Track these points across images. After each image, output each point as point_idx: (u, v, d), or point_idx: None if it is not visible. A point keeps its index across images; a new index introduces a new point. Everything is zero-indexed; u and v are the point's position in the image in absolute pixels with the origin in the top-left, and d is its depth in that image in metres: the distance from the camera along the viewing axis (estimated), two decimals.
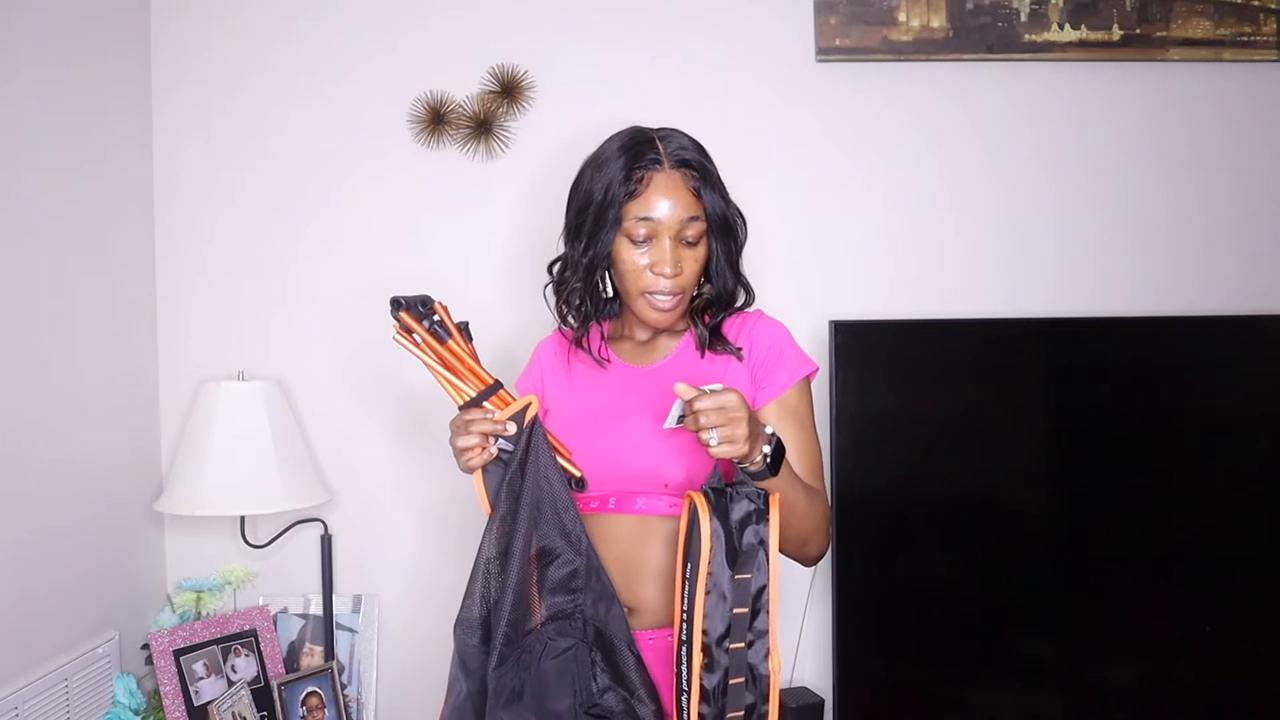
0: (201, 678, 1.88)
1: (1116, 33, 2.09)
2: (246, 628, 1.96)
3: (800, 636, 2.06)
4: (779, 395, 1.38)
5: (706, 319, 1.44)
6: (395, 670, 2.09)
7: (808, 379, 1.42)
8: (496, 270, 2.08)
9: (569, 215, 1.43)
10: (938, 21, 2.07)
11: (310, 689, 1.95)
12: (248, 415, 1.89)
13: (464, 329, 1.31)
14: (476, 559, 1.28)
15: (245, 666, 1.94)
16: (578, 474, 1.34)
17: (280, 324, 2.08)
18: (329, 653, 2.01)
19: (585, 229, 1.39)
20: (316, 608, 2.04)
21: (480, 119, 2.05)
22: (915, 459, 1.99)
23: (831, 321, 1.95)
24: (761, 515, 1.22)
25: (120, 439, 1.94)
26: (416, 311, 1.27)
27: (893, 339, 1.99)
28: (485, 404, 1.28)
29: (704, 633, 1.19)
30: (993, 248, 2.12)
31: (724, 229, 1.40)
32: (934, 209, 2.11)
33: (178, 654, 1.87)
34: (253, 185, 2.07)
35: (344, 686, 2.00)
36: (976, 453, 2.00)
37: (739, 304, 1.47)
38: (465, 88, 2.06)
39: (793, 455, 1.35)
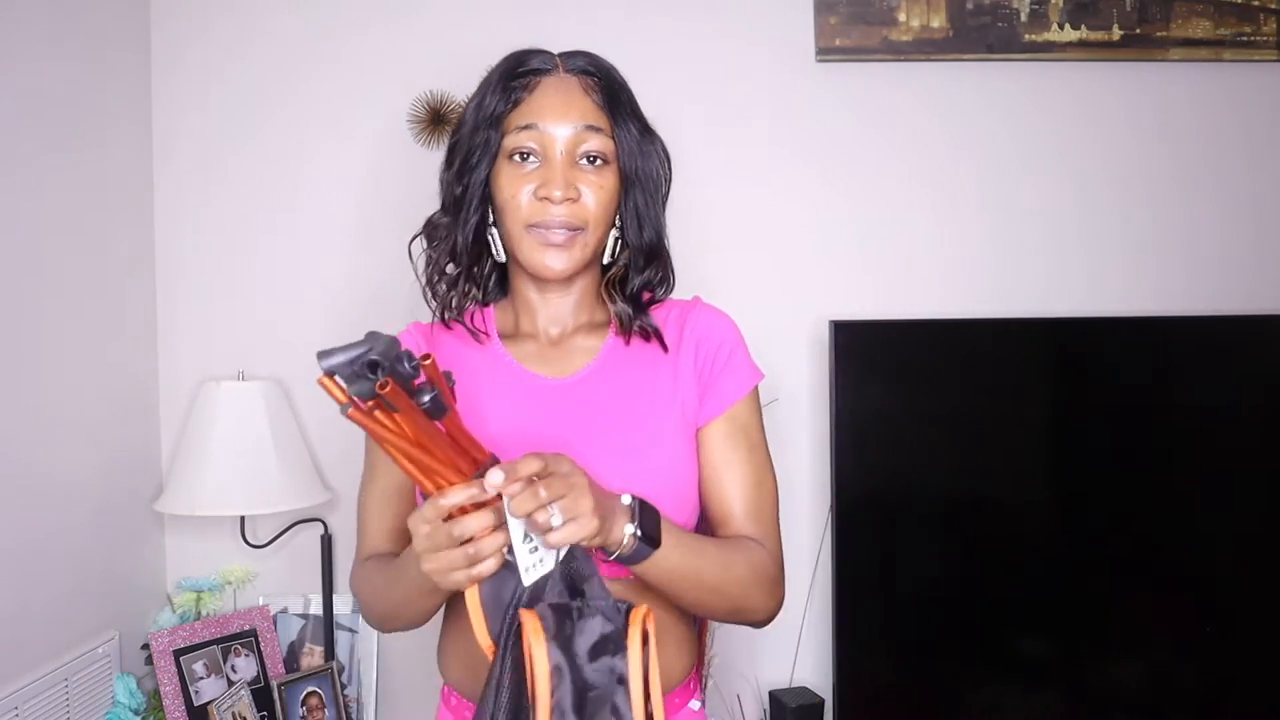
0: (201, 678, 1.88)
1: (1116, 33, 2.08)
2: (246, 628, 1.96)
3: (800, 636, 2.06)
4: (728, 409, 1.11)
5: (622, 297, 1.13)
6: (395, 670, 2.09)
7: (756, 388, 1.15)
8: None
9: (445, 158, 1.15)
10: (938, 21, 2.07)
11: (310, 689, 1.95)
12: (248, 415, 1.89)
13: (450, 380, 0.87)
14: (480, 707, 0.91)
15: (245, 666, 1.94)
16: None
17: (280, 324, 2.07)
18: (329, 653, 2.01)
19: (458, 158, 1.11)
20: (316, 608, 2.04)
21: None
22: (915, 459, 1.99)
23: (831, 321, 1.95)
24: (619, 645, 0.84)
25: (120, 439, 1.94)
26: (401, 376, 0.80)
27: (893, 339, 1.99)
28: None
29: None
30: (992, 248, 2.12)
31: (637, 154, 1.09)
32: (934, 209, 2.11)
33: (178, 654, 1.86)
34: (252, 185, 2.07)
35: (344, 686, 2.00)
36: (977, 453, 2.00)
37: (657, 279, 1.16)
38: (465, 88, 2.05)
39: (737, 485, 1.09)
